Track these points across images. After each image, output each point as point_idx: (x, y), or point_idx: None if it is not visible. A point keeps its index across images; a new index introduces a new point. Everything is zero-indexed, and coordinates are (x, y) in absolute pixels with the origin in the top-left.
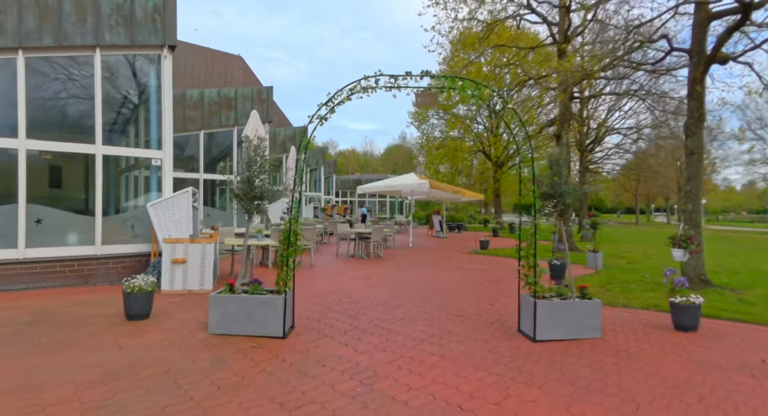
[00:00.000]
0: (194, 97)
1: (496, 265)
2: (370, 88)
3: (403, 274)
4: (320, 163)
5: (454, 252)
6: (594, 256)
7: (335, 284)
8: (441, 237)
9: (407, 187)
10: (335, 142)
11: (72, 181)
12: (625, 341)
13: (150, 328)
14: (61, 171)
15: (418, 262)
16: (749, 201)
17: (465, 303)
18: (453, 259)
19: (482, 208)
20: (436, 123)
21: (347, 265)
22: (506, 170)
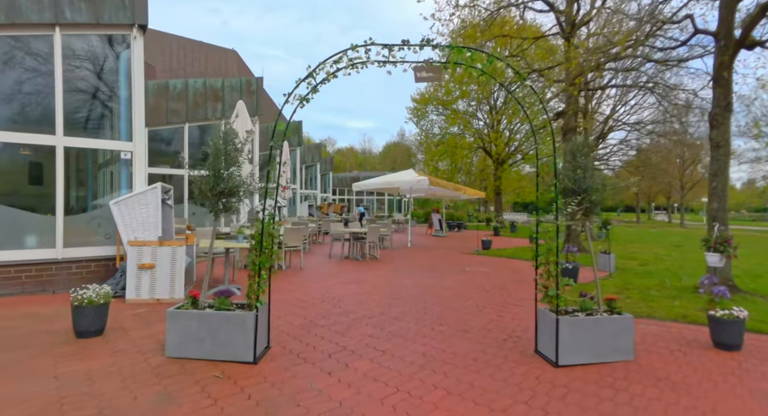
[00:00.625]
0: (178, 87)
1: (500, 267)
2: (360, 61)
3: (400, 279)
4: (316, 160)
5: (455, 253)
6: (606, 258)
7: (325, 290)
8: (440, 236)
9: (405, 184)
10: (333, 139)
11: (30, 176)
12: (662, 364)
13: (98, 350)
14: (18, 165)
15: (417, 264)
16: (750, 199)
17: (470, 314)
18: (454, 261)
19: (481, 206)
20: (436, 119)
21: (340, 268)
22: (507, 167)
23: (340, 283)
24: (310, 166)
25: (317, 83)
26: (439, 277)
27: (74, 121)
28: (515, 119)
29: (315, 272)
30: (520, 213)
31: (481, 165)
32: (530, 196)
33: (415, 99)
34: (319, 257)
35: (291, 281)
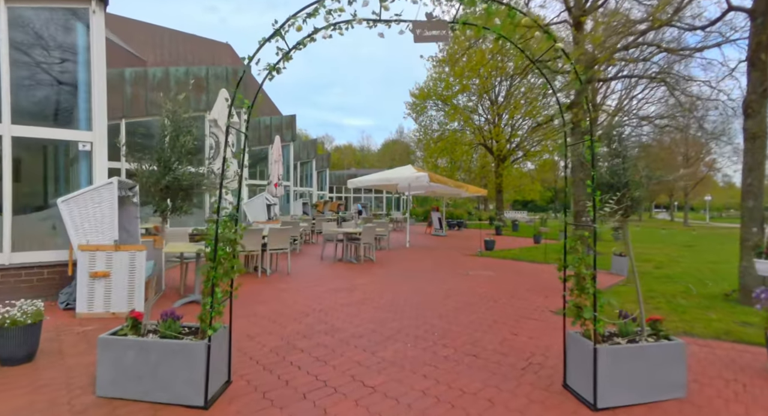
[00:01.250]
0: (158, 76)
1: (507, 271)
2: (343, 21)
3: (396, 285)
4: (312, 156)
5: (457, 254)
6: (620, 261)
7: (310, 301)
8: (440, 235)
9: (404, 181)
10: (331, 136)
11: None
12: (724, 404)
13: (18, 382)
14: None
15: (416, 268)
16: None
17: (479, 332)
18: (456, 263)
19: (480, 204)
20: (435, 115)
21: (331, 272)
22: (508, 164)
23: (329, 291)
24: (305, 163)
25: (290, 49)
26: (440, 283)
27: (24, 108)
28: (517, 114)
29: (302, 277)
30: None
31: (482, 162)
32: (530, 194)
33: (414, 94)
34: (310, 259)
35: (274, 288)
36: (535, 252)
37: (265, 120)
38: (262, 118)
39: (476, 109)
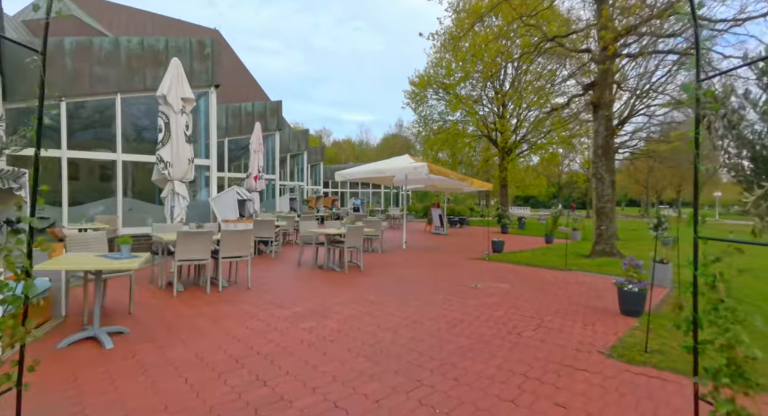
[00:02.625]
0: (106, 47)
1: (524, 282)
2: None
3: (384, 306)
4: (303, 148)
5: (460, 258)
6: (662, 269)
7: (258, 336)
8: (441, 234)
9: (399, 172)
10: (328, 130)
11: None
12: None
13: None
14: None
15: (411, 278)
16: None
17: (505, 399)
18: (460, 270)
19: (482, 199)
20: (435, 104)
21: (304, 286)
22: (514, 157)
23: (292, 318)
24: (295, 155)
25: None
26: (441, 302)
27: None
28: (523, 103)
29: (264, 294)
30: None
31: (485, 155)
32: (531, 190)
33: (413, 82)
34: (285, 266)
35: (217, 312)
36: (551, 255)
37: (246, 106)
38: (243, 104)
39: (480, 100)
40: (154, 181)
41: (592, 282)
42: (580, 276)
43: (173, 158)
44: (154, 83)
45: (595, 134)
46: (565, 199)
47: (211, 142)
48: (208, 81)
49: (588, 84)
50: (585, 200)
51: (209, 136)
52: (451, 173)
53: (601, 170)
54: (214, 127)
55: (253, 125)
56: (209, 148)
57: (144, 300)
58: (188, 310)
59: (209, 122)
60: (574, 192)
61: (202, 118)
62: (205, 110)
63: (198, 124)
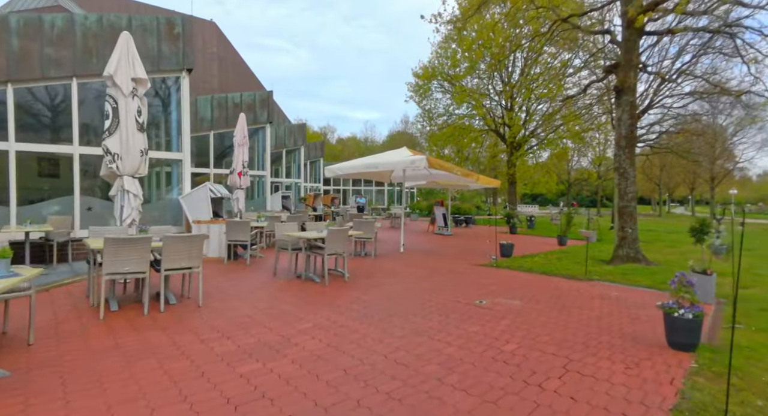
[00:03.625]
0: (59, 24)
1: (540, 297)
2: None
3: (361, 336)
4: (300, 143)
5: (464, 264)
6: (704, 283)
7: (168, 391)
8: (445, 234)
9: (397, 166)
10: (333, 127)
11: None
12: None
13: None
14: None
15: (403, 292)
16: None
17: None
18: (463, 281)
19: (489, 197)
20: (440, 98)
21: (269, 303)
22: (523, 153)
23: (232, 356)
24: (292, 151)
25: None
26: (437, 329)
27: None
28: (533, 95)
29: (214, 316)
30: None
31: (492, 151)
32: (538, 187)
33: (417, 74)
34: (257, 276)
35: (141, 343)
36: (567, 260)
37: (234, 96)
38: (230, 95)
39: (487, 94)
40: (103, 176)
41: (622, 296)
42: (604, 287)
43: (122, 149)
44: None
45: (617, 123)
46: (573, 196)
47: (184, 133)
48: (179, 64)
49: (610, 66)
50: (595, 198)
51: (182, 127)
52: (454, 168)
53: (624, 164)
54: (186, 117)
55: None
56: (182, 141)
57: (65, 322)
58: (106, 340)
59: (182, 111)
60: (583, 190)
61: (174, 106)
62: (176, 98)
63: (170, 114)
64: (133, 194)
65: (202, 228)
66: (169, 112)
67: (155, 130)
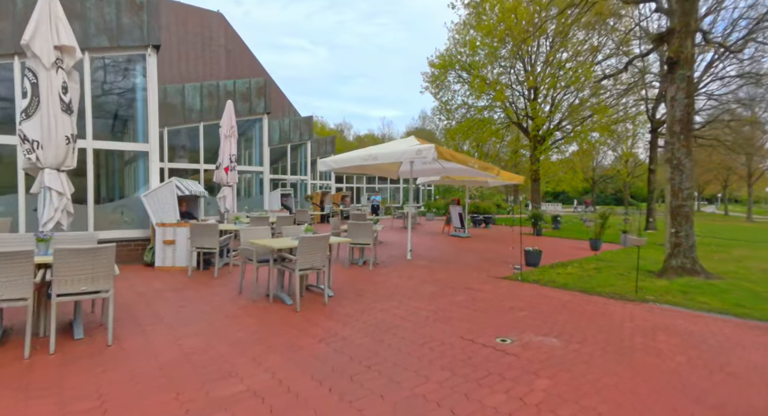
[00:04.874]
0: None
1: (584, 328)
2: None
3: (326, 410)
4: (305, 138)
5: (482, 276)
6: None
7: None
8: (461, 236)
9: (401, 156)
10: (349, 124)
11: None
12: None
13: None
14: None
15: (397, 323)
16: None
17: None
18: (481, 304)
19: (509, 195)
20: (458, 89)
21: (209, 341)
22: (547, 147)
23: None
24: (298, 146)
25: None
26: (438, 398)
27: None
28: (560, 83)
29: (116, 364)
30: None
31: (514, 146)
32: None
33: (433, 63)
34: (218, 292)
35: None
36: (608, 272)
37: (226, 84)
38: (222, 82)
39: (509, 84)
40: (25, 169)
41: (696, 331)
42: (665, 314)
43: (43, 136)
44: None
45: (670, 104)
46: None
47: (151, 122)
48: (143, 40)
49: (662, 33)
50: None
51: (148, 115)
52: (470, 160)
53: (678, 153)
54: (154, 103)
55: (235, 107)
56: (149, 130)
57: None
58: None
59: (148, 97)
60: (607, 187)
61: (140, 90)
62: (142, 81)
63: (135, 99)
64: (57, 192)
65: (167, 231)
66: (134, 98)
67: (118, 120)
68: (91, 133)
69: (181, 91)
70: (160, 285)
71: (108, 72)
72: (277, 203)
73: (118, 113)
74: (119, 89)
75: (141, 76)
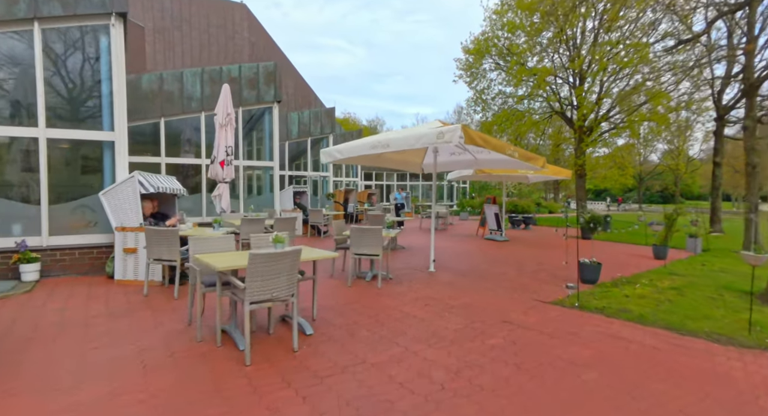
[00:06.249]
0: None
1: (699, 411)
2: None
3: None
4: (327, 131)
5: (525, 301)
6: None
7: None
8: (497, 240)
9: (418, 141)
10: (382, 120)
11: None
12: None
13: None
14: None
15: (394, 398)
16: None
17: None
18: (526, 356)
19: (550, 192)
20: (494, 78)
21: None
22: (596, 138)
23: None
24: (318, 140)
25: None
26: None
27: None
28: (610, 66)
29: None
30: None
31: (555, 139)
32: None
33: (467, 48)
34: (163, 322)
35: None
36: (691, 293)
37: (231, 69)
38: (226, 67)
39: (552, 70)
40: None
41: None
42: None
43: None
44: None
45: None
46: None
47: (117, 107)
48: (104, 6)
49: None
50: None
51: (115, 99)
52: (509, 147)
53: None
54: (121, 83)
55: (240, 94)
56: (115, 117)
57: None
58: None
59: (112, 75)
60: (654, 184)
61: (104, 66)
62: (107, 57)
63: (98, 80)
64: None
65: (128, 238)
66: (98, 79)
67: (79, 105)
68: (43, 119)
69: (179, 77)
70: (99, 308)
71: (67, 47)
72: (289, 202)
73: (79, 97)
74: (79, 68)
75: (105, 52)
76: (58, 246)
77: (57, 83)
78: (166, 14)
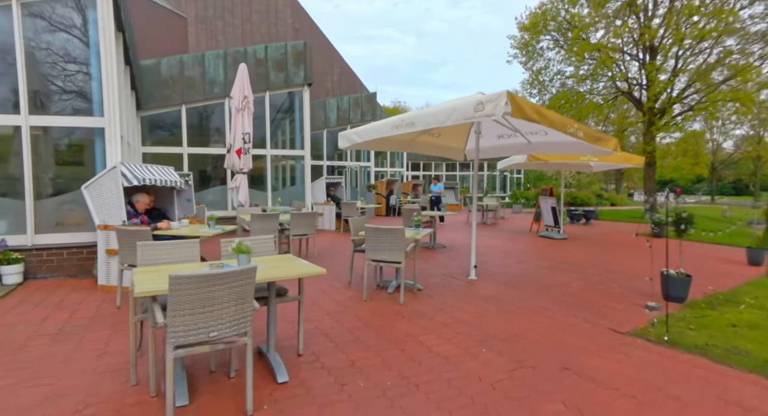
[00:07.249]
0: None
1: None
2: None
3: None
4: (368, 117)
5: (589, 329)
6: None
7: None
8: (555, 238)
9: (453, 117)
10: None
11: None
12: None
13: None
14: None
15: None
16: None
17: None
18: None
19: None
20: (553, 57)
21: None
22: (668, 122)
23: None
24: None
25: None
26: None
27: None
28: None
29: None
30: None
31: (620, 124)
32: (675, 172)
33: (523, 24)
34: (105, 355)
35: None
36: None
37: (257, 50)
38: (251, 48)
39: (618, 47)
40: None
41: None
42: None
43: None
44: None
45: None
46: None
47: (107, 91)
48: None
49: None
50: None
51: (103, 82)
52: (570, 123)
53: None
54: (110, 61)
55: (268, 78)
56: (105, 101)
57: None
58: None
59: (101, 57)
60: (728, 174)
61: (93, 47)
62: (95, 33)
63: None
64: None
65: (112, 237)
66: (81, 60)
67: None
68: (25, 105)
69: (200, 60)
70: (56, 324)
71: (51, 23)
72: (322, 194)
73: (66, 80)
74: (64, 46)
75: (93, 29)
76: (45, 245)
77: (40, 64)
78: (209, 3)
